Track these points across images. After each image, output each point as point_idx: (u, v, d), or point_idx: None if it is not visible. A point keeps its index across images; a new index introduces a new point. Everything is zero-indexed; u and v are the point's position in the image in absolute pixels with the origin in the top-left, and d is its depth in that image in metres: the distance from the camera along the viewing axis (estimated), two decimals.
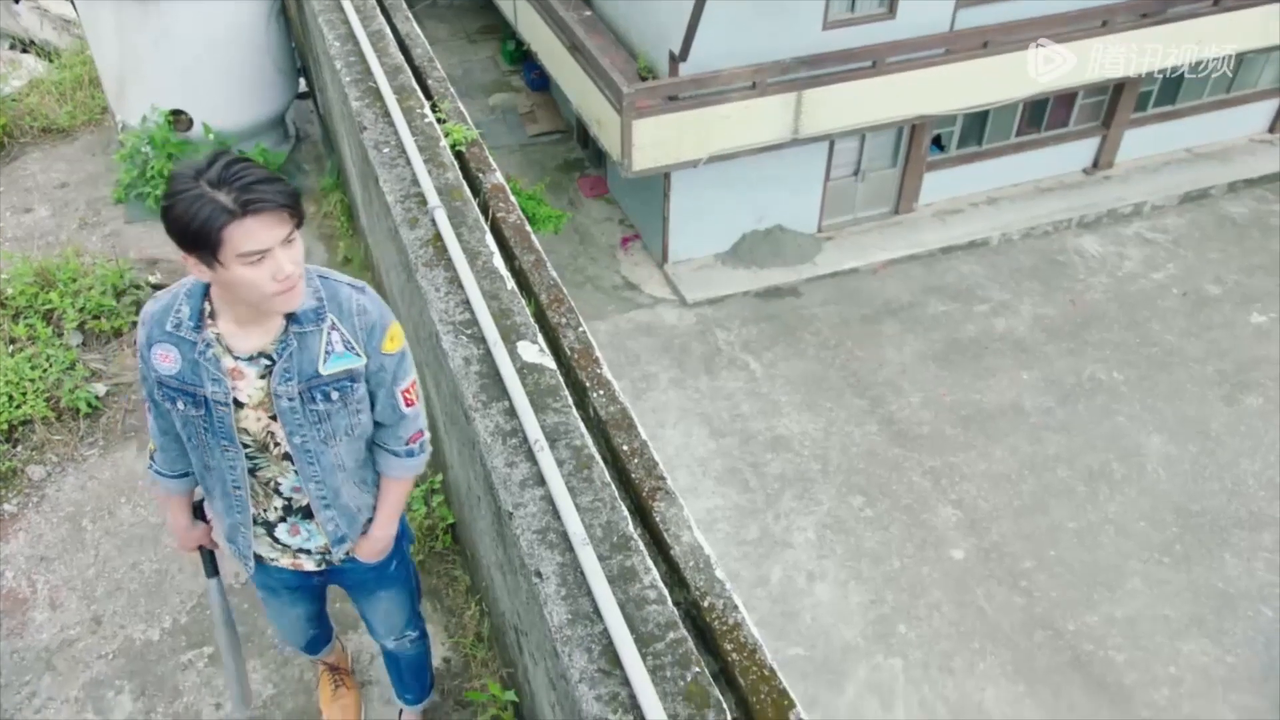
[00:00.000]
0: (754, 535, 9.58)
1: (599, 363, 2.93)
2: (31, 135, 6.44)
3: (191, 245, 2.00)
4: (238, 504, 2.45)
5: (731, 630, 2.21)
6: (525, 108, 16.31)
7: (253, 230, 1.99)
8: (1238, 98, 15.33)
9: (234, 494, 2.43)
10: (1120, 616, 8.92)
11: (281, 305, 2.15)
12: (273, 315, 2.21)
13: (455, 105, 4.28)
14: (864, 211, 13.96)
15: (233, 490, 2.42)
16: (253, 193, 1.97)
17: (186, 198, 1.97)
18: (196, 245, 2.00)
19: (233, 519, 2.49)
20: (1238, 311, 12.50)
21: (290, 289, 2.12)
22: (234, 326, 2.23)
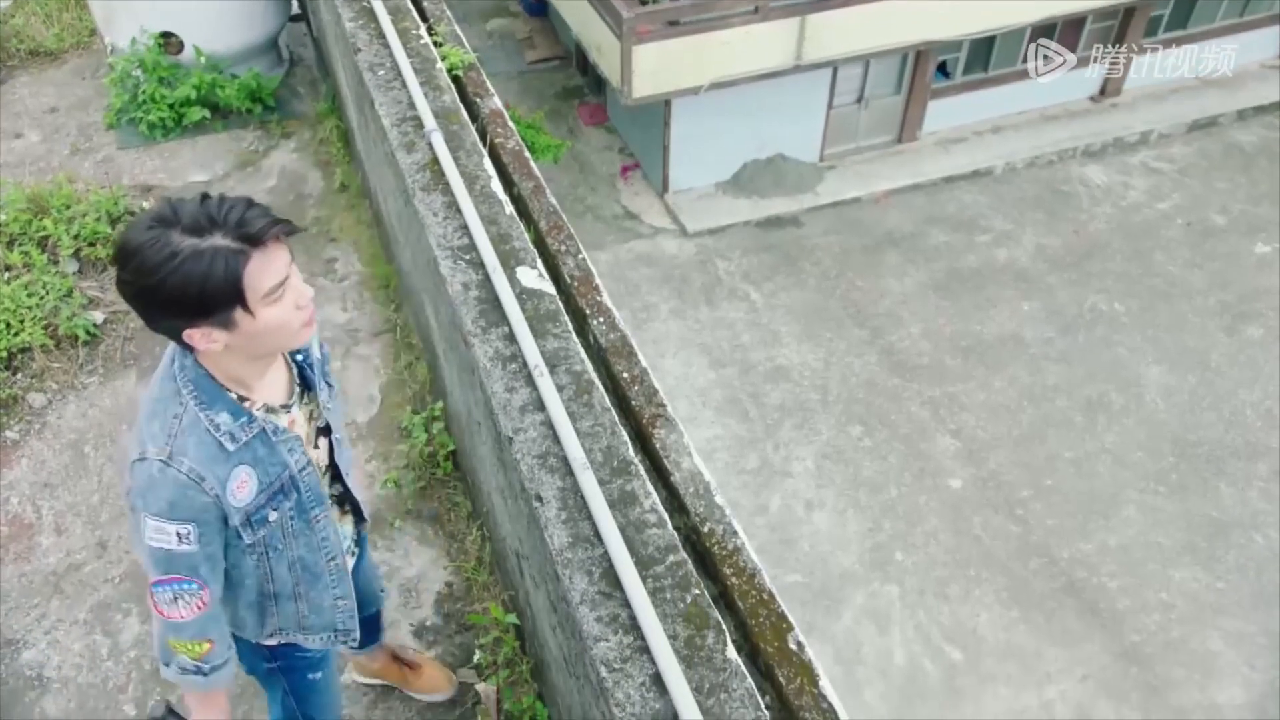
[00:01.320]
0: (753, 464, 9.65)
1: (599, 290, 2.90)
2: (19, 58, 6.32)
3: (210, 308, 1.70)
4: (338, 574, 2.18)
5: (731, 555, 2.22)
6: (523, 34, 15.98)
7: (268, 262, 1.72)
8: (1251, 21, 15.00)
9: (332, 566, 2.16)
10: (1114, 544, 9.03)
11: (306, 335, 1.88)
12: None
13: (452, 29, 4.18)
14: (866, 140, 13.78)
15: (330, 563, 2.14)
16: (251, 224, 1.69)
17: (184, 258, 1.65)
18: (216, 306, 1.70)
19: (334, 595, 2.20)
20: (1242, 241, 12.42)
21: (312, 312, 1.87)
22: (259, 383, 1.94)
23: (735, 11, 10.83)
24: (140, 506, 1.83)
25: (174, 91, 5.77)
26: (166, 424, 1.83)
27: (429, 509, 3.68)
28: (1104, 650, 8.26)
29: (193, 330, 1.74)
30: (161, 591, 1.91)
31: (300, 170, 5.56)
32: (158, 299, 1.69)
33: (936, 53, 13.04)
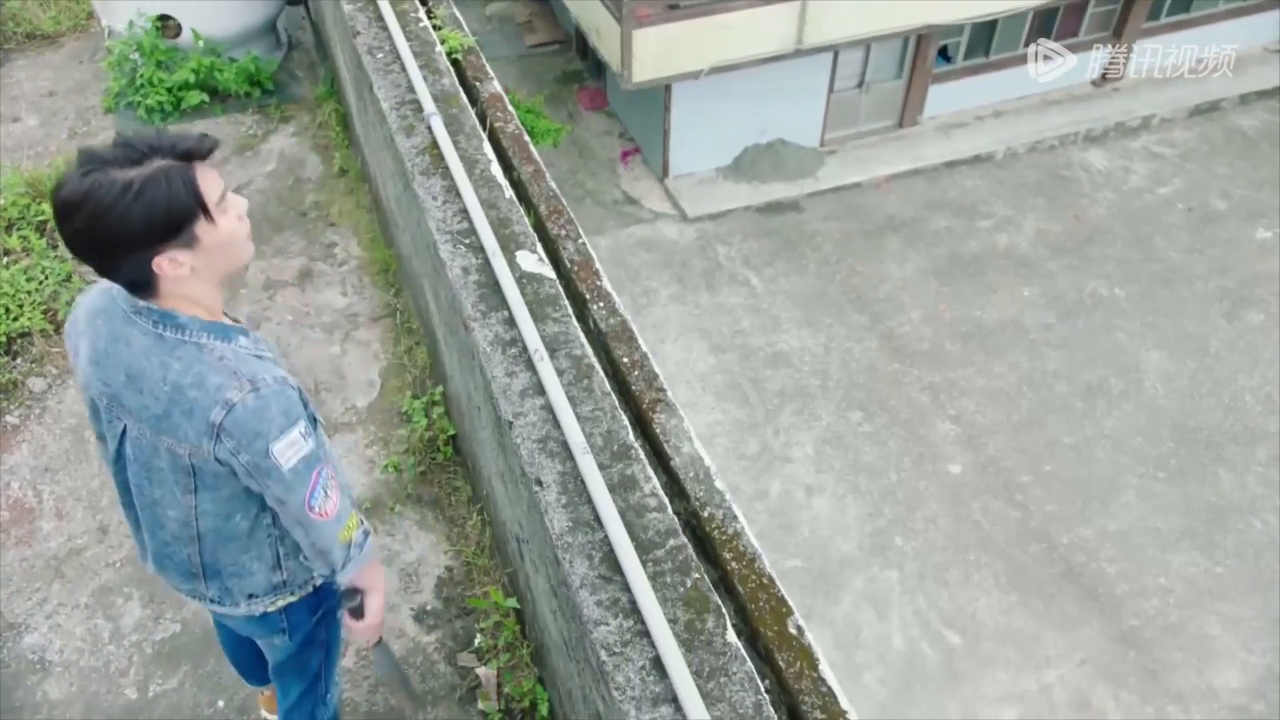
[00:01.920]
0: (753, 450, 9.66)
1: (599, 275, 2.90)
2: (16, 41, 6.29)
3: (178, 226, 1.72)
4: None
5: (731, 540, 2.23)
6: (523, 17, 15.91)
7: (208, 174, 1.77)
8: (1253, 5, 14.92)
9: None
10: (1113, 529, 9.05)
11: (251, 248, 1.92)
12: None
13: (451, 12, 4.16)
14: (867, 125, 13.73)
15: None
16: (184, 142, 1.74)
17: (141, 185, 1.67)
18: (183, 222, 1.72)
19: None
20: (1243, 227, 12.39)
21: (249, 225, 1.90)
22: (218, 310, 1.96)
23: None
24: (277, 430, 1.84)
25: (172, 75, 5.74)
26: (214, 368, 1.83)
27: (429, 494, 3.68)
28: (1102, 635, 8.29)
29: (161, 258, 1.74)
30: (316, 498, 1.95)
31: (299, 154, 5.54)
32: (121, 235, 1.69)
33: (938, 37, 12.98)
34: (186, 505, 2.00)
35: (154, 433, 1.90)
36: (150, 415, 1.88)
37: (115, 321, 1.89)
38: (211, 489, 1.97)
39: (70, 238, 1.73)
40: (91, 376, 1.94)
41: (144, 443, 1.94)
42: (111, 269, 1.77)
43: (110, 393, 1.92)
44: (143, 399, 1.88)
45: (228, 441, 1.84)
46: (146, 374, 1.86)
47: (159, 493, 2.01)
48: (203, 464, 1.91)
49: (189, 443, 1.87)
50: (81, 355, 1.96)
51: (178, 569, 2.17)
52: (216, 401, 1.82)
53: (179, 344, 1.85)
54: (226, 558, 2.12)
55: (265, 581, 2.19)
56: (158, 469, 1.96)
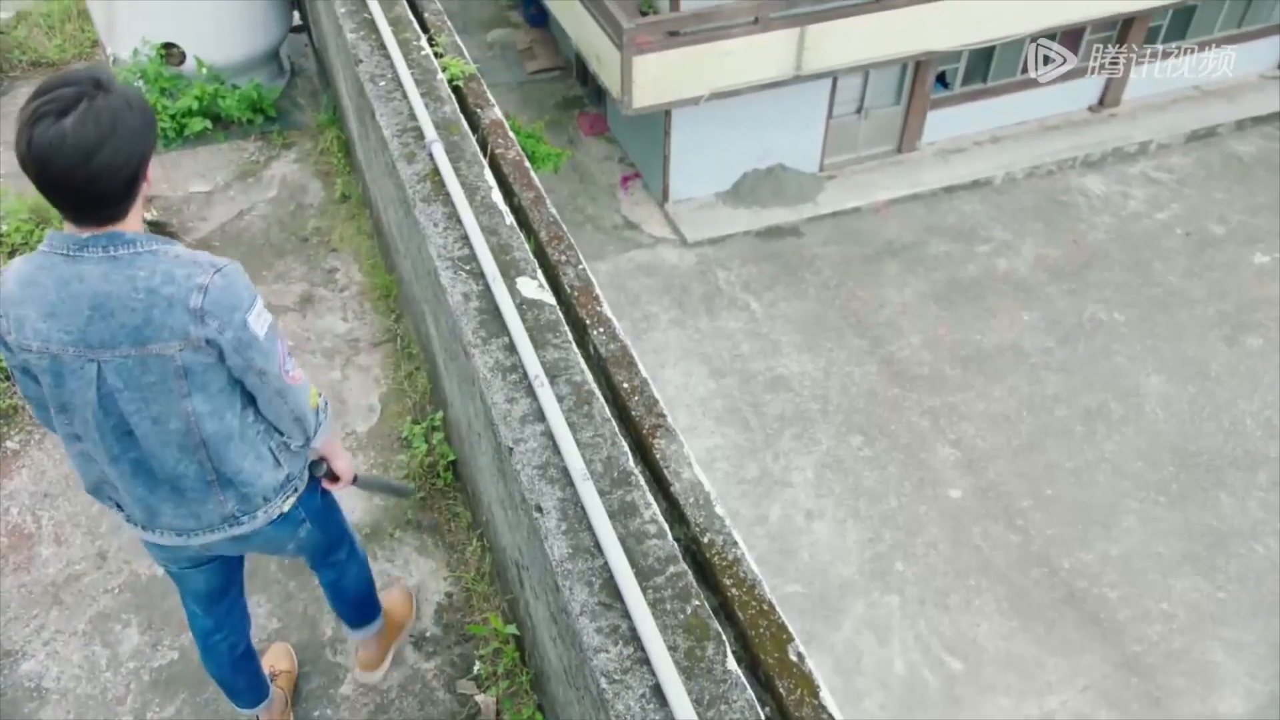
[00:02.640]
0: (753, 474, 9.66)
1: (599, 300, 2.91)
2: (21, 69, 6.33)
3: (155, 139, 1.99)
4: None
5: (731, 566, 2.22)
6: (524, 44, 16.05)
7: None
8: (1248, 33, 15.06)
9: None
10: (1115, 554, 9.03)
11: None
12: None
13: (452, 39, 4.19)
14: (866, 150, 13.82)
15: None
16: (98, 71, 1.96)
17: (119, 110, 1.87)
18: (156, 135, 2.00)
19: None
20: (1241, 251, 12.44)
21: None
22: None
23: (735, 22, 10.88)
24: (247, 300, 2.04)
25: (175, 102, 5.78)
26: (176, 264, 1.99)
27: (429, 519, 3.67)
28: (1104, 660, 8.25)
29: (146, 180, 1.94)
30: (289, 364, 2.18)
31: (301, 180, 5.57)
32: (144, 152, 1.91)
33: (936, 63, 13.09)
34: (185, 411, 2.09)
35: (137, 347, 1.98)
36: (130, 330, 1.97)
37: (57, 271, 1.97)
38: (202, 388, 2.08)
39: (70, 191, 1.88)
40: (50, 331, 1.98)
41: (128, 366, 2.01)
42: (110, 209, 1.94)
43: (74, 338, 1.98)
44: (115, 321, 1.96)
45: (211, 322, 1.99)
46: (114, 295, 1.95)
47: (156, 409, 2.07)
48: (192, 358, 2.02)
49: (176, 338, 1.99)
50: (28, 322, 1.99)
51: (192, 489, 2.22)
52: (191, 289, 1.97)
53: (135, 256, 1.96)
54: (232, 464, 2.21)
55: (273, 481, 2.32)
56: (149, 385, 2.04)
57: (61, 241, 1.96)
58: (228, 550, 2.45)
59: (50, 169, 1.82)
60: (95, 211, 1.92)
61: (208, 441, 2.15)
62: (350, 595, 2.89)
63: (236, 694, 2.84)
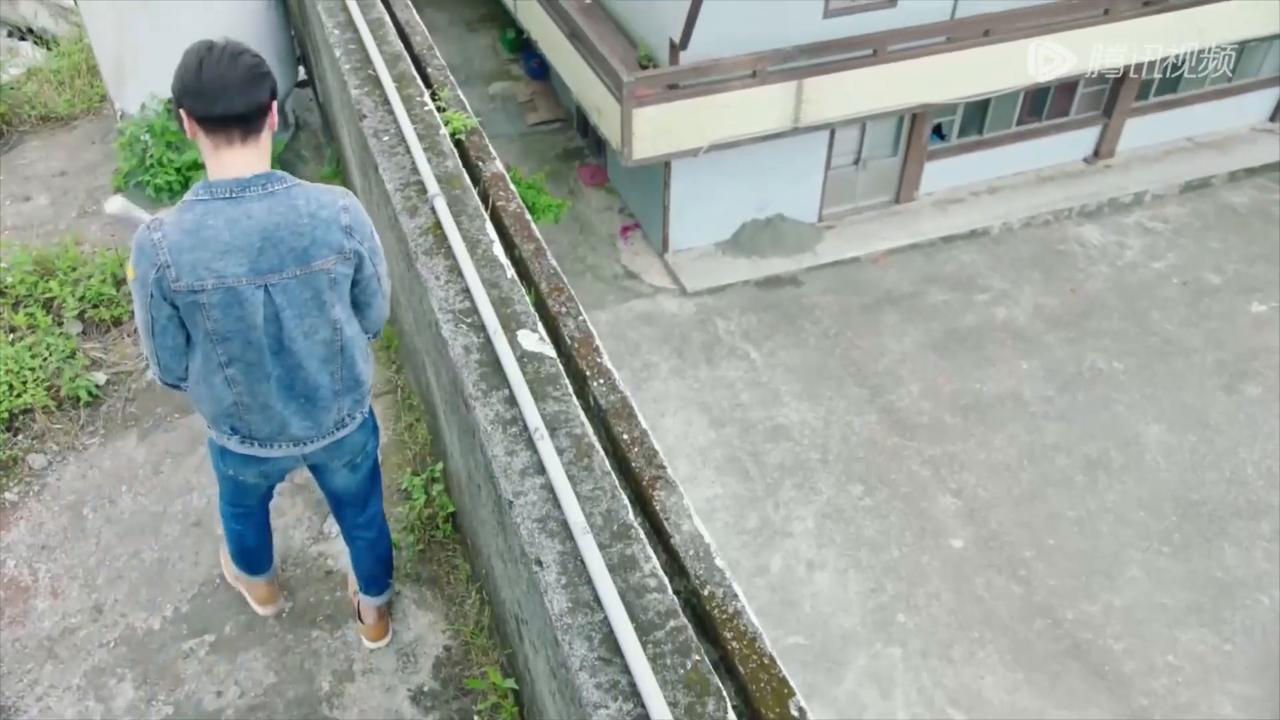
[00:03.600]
0: (754, 524, 9.61)
1: (599, 351, 2.92)
2: (30, 124, 6.43)
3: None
4: None
5: (731, 619, 2.21)
6: (525, 96, 16.27)
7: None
8: (1239, 87, 15.29)
9: None
10: (1119, 605, 8.95)
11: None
12: None
13: (455, 93, 4.26)
14: (865, 200, 13.95)
15: None
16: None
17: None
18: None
19: None
20: (1238, 301, 12.50)
21: None
22: None
23: (733, 75, 11.04)
24: (369, 229, 2.55)
25: (181, 155, 5.85)
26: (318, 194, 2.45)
27: (428, 572, 3.65)
28: (1110, 714, 8.14)
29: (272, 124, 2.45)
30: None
31: None
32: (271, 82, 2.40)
33: (932, 115, 13.26)
34: (332, 320, 2.54)
35: (302, 266, 2.41)
36: (297, 253, 2.40)
37: (224, 213, 2.34)
38: (341, 299, 2.54)
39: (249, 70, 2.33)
40: (226, 267, 2.34)
41: (292, 286, 2.42)
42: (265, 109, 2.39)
43: (247, 269, 2.36)
44: (284, 246, 2.38)
45: (355, 235, 2.49)
46: (282, 223, 2.37)
47: (309, 322, 2.50)
48: (341, 270, 2.49)
49: (333, 252, 2.45)
50: (201, 263, 2.33)
51: (329, 391, 2.65)
52: (339, 210, 2.46)
53: (286, 190, 2.41)
54: (357, 365, 2.68)
55: (370, 382, 2.80)
56: (306, 301, 2.46)
57: (222, 187, 2.34)
58: (321, 459, 2.86)
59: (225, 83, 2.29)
60: (252, 123, 2.36)
61: (345, 346, 2.60)
62: (383, 555, 3.27)
63: (255, 562, 3.35)
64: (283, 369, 2.54)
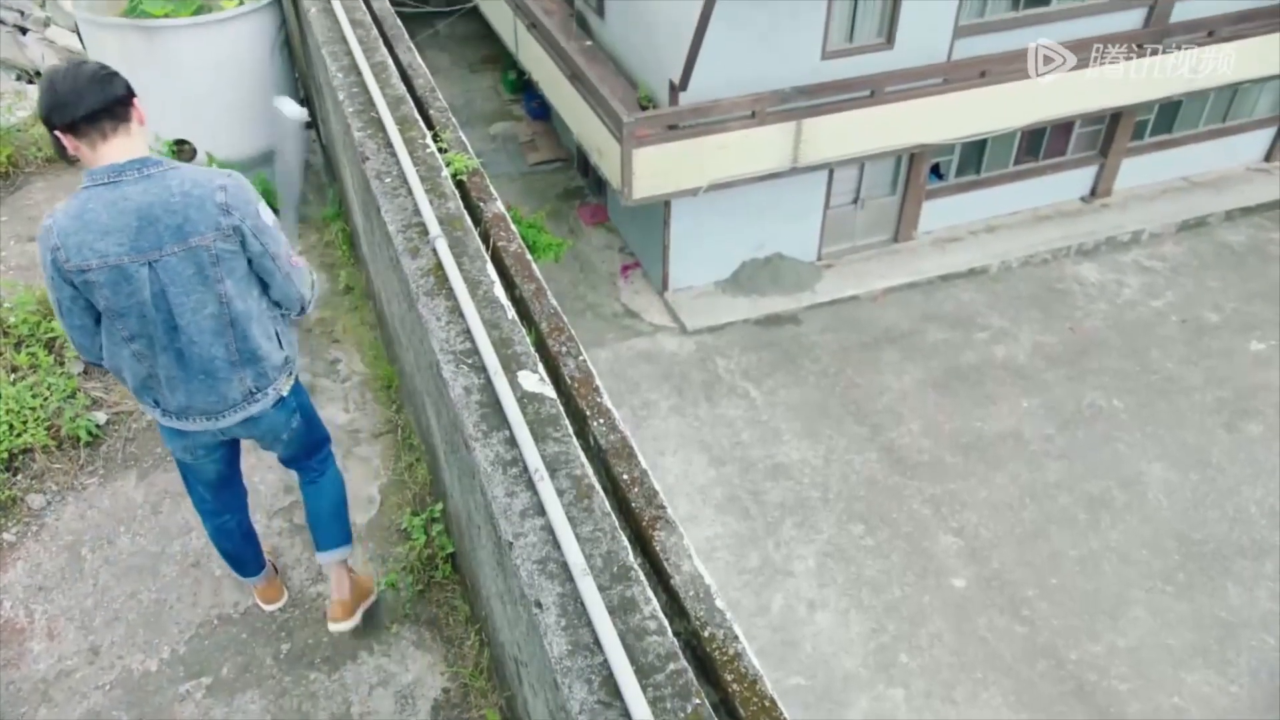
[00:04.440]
0: (754, 563, 9.55)
1: (599, 391, 2.93)
2: (36, 165, 6.48)
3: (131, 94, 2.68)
4: None
5: (732, 661, 2.20)
6: (526, 136, 16.42)
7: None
8: (1234, 126, 15.44)
9: None
10: (1123, 646, 8.87)
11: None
12: None
13: (457, 135, 4.31)
14: (863, 239, 14.03)
15: None
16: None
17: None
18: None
19: None
20: (1237, 339, 12.52)
21: None
22: None
23: (733, 116, 11.15)
24: (254, 195, 2.71)
25: None
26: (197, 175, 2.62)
27: (427, 613, 3.64)
28: None
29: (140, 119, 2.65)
30: (291, 250, 2.84)
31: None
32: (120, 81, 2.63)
33: (930, 155, 13.38)
34: (219, 294, 2.69)
35: (180, 243, 2.58)
36: (172, 230, 2.57)
37: (103, 197, 2.55)
38: (230, 273, 2.68)
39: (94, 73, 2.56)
40: (108, 247, 2.54)
41: (173, 262, 2.60)
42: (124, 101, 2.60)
43: (127, 248, 2.55)
44: (161, 224, 2.56)
45: (234, 213, 2.63)
46: (156, 203, 2.56)
47: (196, 297, 2.66)
48: (222, 246, 2.64)
49: (210, 230, 2.61)
50: (86, 244, 2.54)
51: (224, 367, 2.80)
52: (215, 189, 2.62)
53: (163, 173, 2.59)
54: (253, 340, 2.81)
55: (279, 358, 2.94)
56: (190, 277, 2.63)
57: (101, 173, 2.56)
58: (240, 433, 3.03)
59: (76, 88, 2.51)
60: (114, 115, 2.55)
61: (235, 320, 2.75)
62: (327, 501, 3.36)
63: (243, 565, 3.48)
64: (179, 343, 2.73)
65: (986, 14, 12.16)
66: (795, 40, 11.26)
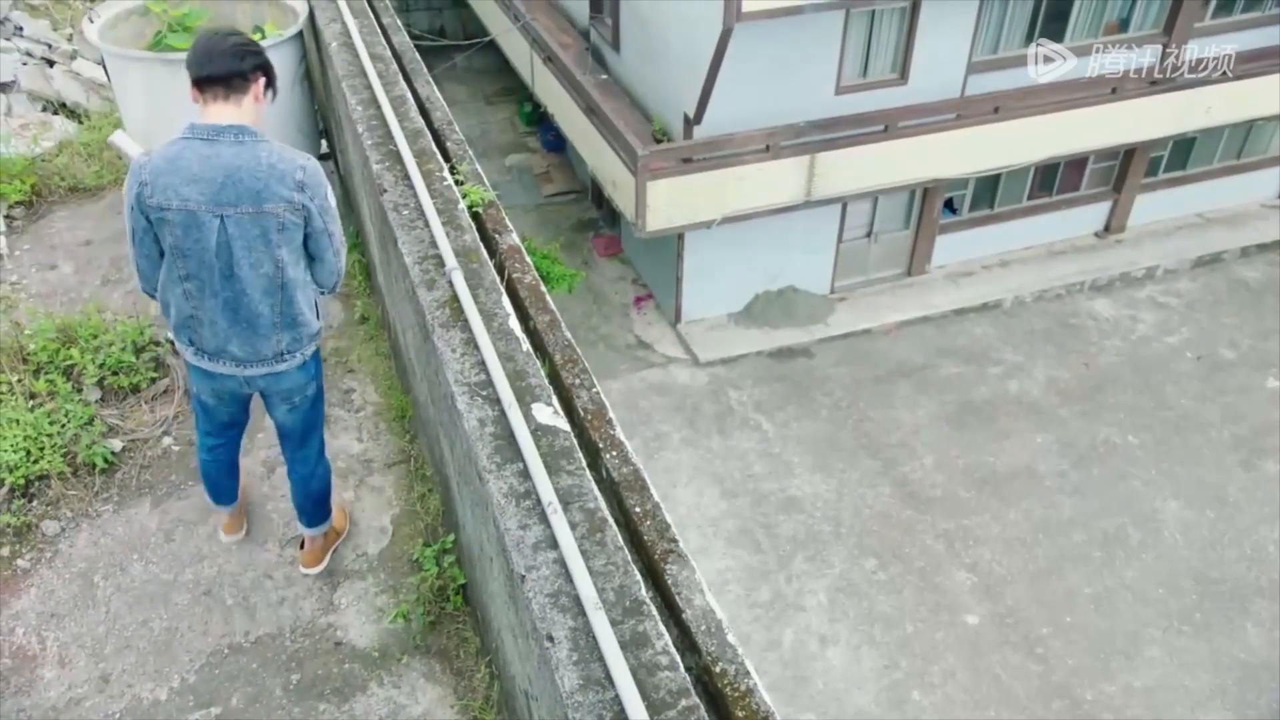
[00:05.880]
0: (766, 597, 9.49)
1: (612, 424, 2.94)
2: (59, 195, 6.57)
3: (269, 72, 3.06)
4: None
5: (743, 697, 2.19)
6: (541, 168, 16.55)
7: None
8: (1248, 164, 15.43)
9: None
10: (1139, 686, 8.76)
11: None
12: None
13: (473, 167, 4.35)
14: (876, 273, 14.04)
15: None
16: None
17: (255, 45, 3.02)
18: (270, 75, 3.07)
19: None
20: (1253, 376, 12.45)
21: None
22: None
23: (747, 150, 11.22)
24: (325, 190, 3.00)
25: None
26: (284, 152, 2.95)
27: (438, 644, 3.62)
28: None
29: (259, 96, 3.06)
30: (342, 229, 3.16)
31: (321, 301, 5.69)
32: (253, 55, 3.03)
33: (943, 190, 13.41)
34: (275, 258, 2.98)
35: (255, 206, 2.88)
36: (253, 192, 2.87)
37: (198, 151, 2.88)
38: (289, 243, 2.98)
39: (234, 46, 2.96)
40: (190, 194, 2.86)
41: (244, 221, 2.89)
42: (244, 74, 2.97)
43: (208, 199, 2.86)
44: (243, 186, 2.86)
45: (308, 190, 2.94)
46: (244, 167, 2.87)
47: (256, 256, 2.95)
48: (289, 217, 2.93)
49: (283, 201, 2.91)
50: (172, 188, 2.85)
51: (267, 324, 3.09)
52: (297, 167, 2.94)
53: (256, 143, 2.92)
54: (296, 305, 3.11)
55: (315, 328, 3.24)
56: (255, 237, 2.92)
57: (202, 129, 2.90)
58: (262, 386, 3.29)
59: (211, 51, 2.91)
60: (230, 85, 2.93)
61: (286, 285, 3.04)
62: (316, 494, 3.64)
63: (219, 493, 3.79)
64: (230, 292, 2.99)
65: (1000, 50, 12.24)
66: (809, 75, 11.35)
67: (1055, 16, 12.18)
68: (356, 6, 5.97)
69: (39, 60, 9.07)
